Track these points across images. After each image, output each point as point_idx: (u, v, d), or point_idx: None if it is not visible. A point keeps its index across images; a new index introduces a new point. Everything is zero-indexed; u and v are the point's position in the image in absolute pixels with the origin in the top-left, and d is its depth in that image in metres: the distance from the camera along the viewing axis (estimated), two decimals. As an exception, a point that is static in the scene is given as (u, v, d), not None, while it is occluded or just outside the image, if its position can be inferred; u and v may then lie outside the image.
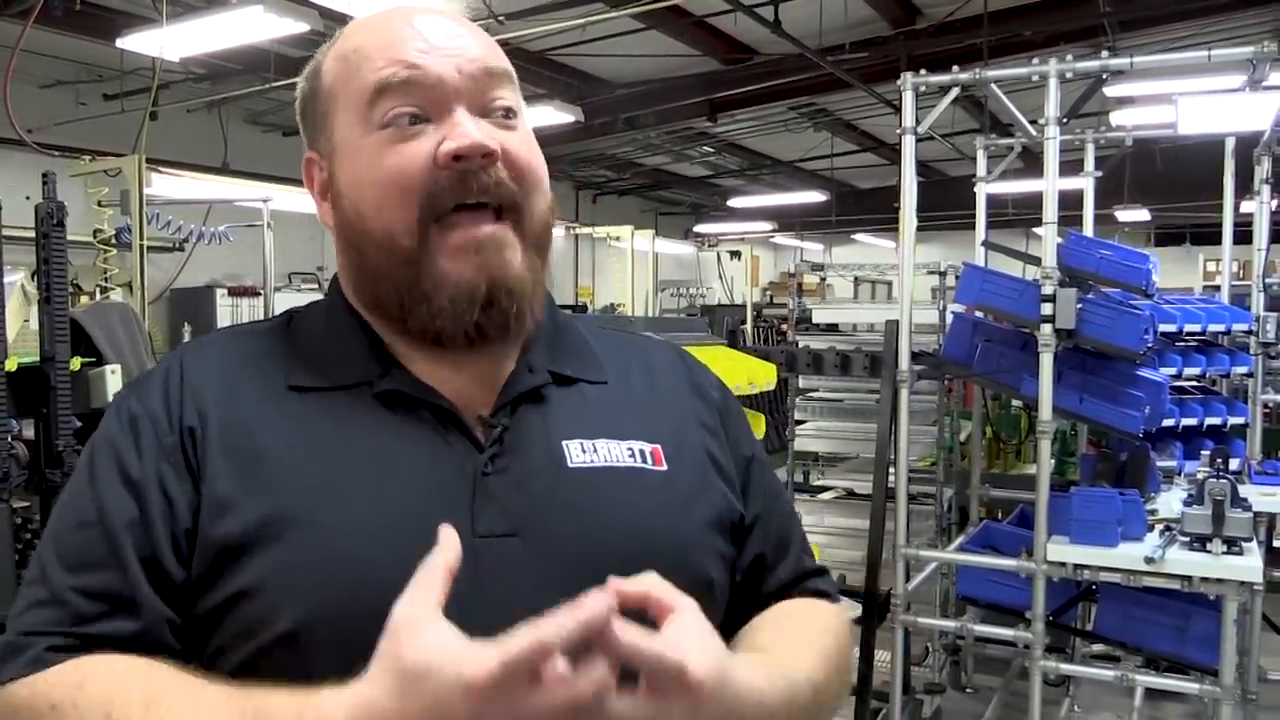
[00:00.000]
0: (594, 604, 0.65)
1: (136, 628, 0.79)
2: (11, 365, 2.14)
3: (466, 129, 0.84)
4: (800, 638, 0.91)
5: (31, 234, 2.32)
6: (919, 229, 3.62)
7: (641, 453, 0.91)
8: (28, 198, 6.70)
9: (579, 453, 0.88)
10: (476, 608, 0.73)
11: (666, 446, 0.92)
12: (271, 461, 0.83)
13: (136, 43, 5.20)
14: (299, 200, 6.91)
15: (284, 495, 0.81)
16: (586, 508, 0.86)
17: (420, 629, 0.66)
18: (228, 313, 8.32)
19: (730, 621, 0.95)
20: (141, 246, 4.26)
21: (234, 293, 8.38)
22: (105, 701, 0.73)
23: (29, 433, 2.29)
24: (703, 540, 0.91)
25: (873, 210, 12.97)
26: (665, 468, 0.91)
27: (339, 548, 0.80)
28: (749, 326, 10.81)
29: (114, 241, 4.29)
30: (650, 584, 0.71)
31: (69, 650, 0.77)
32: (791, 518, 1.05)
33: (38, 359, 2.22)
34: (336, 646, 0.76)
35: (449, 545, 0.69)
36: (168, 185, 5.11)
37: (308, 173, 0.94)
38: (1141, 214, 10.79)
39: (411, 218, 0.85)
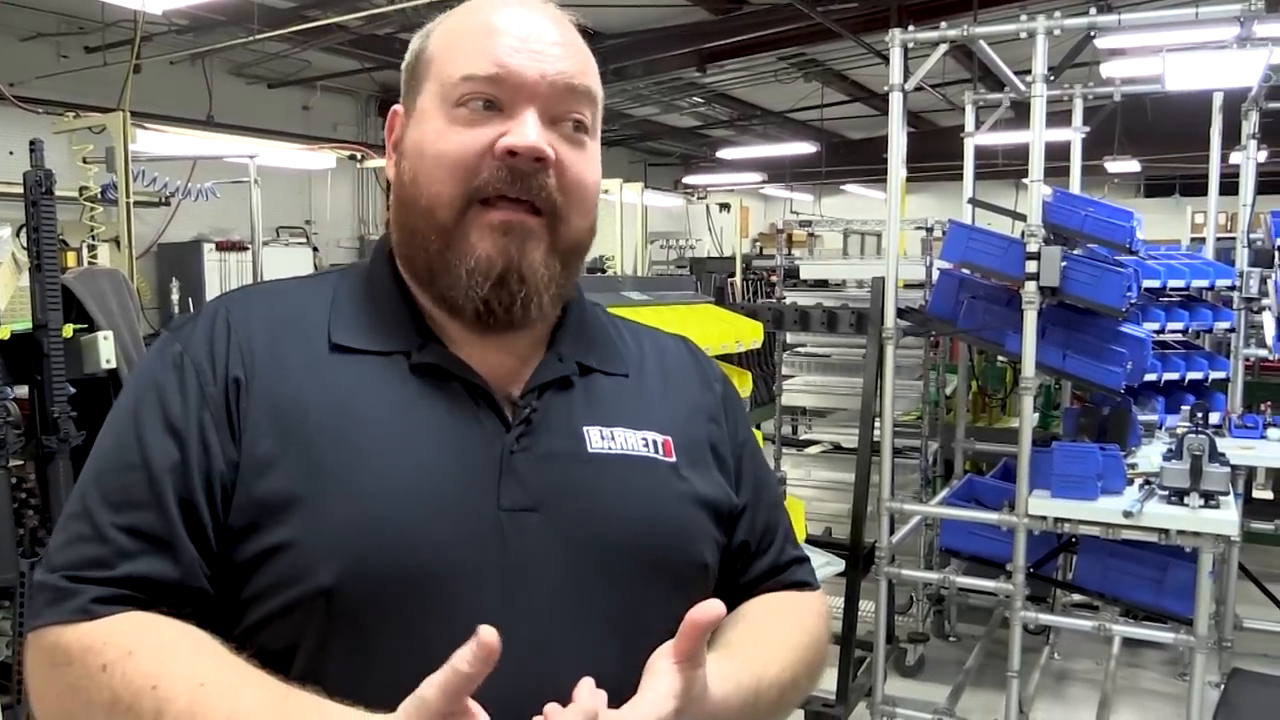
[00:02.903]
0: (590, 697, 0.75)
1: (175, 573, 0.82)
2: (4, 333, 2.15)
3: (529, 130, 0.88)
4: (773, 638, 0.97)
5: (13, 189, 2.32)
6: (909, 179, 3.63)
7: (654, 443, 0.96)
8: (11, 153, 6.62)
9: (598, 439, 0.93)
10: (499, 574, 0.82)
11: (677, 439, 0.98)
12: (313, 420, 0.86)
13: (118, -5, 5.12)
14: (285, 154, 6.86)
15: (325, 454, 0.85)
16: (602, 490, 0.91)
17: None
18: (215, 267, 8.27)
19: None
20: (128, 204, 4.24)
21: (221, 247, 8.33)
22: (153, 674, 0.76)
23: (22, 391, 2.31)
24: (703, 529, 0.97)
25: (863, 161, 12.90)
26: (674, 459, 0.97)
27: (375, 510, 0.83)
28: (738, 279, 10.79)
29: (100, 198, 4.27)
30: None
31: (114, 602, 0.80)
32: (778, 508, 1.09)
33: (30, 326, 2.24)
34: (365, 605, 0.82)
35: (486, 642, 0.68)
36: (153, 141, 5.07)
37: (390, 124, 0.98)
38: (1131, 165, 10.74)
39: (456, 194, 0.89)
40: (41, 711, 0.82)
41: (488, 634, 0.68)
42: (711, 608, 0.76)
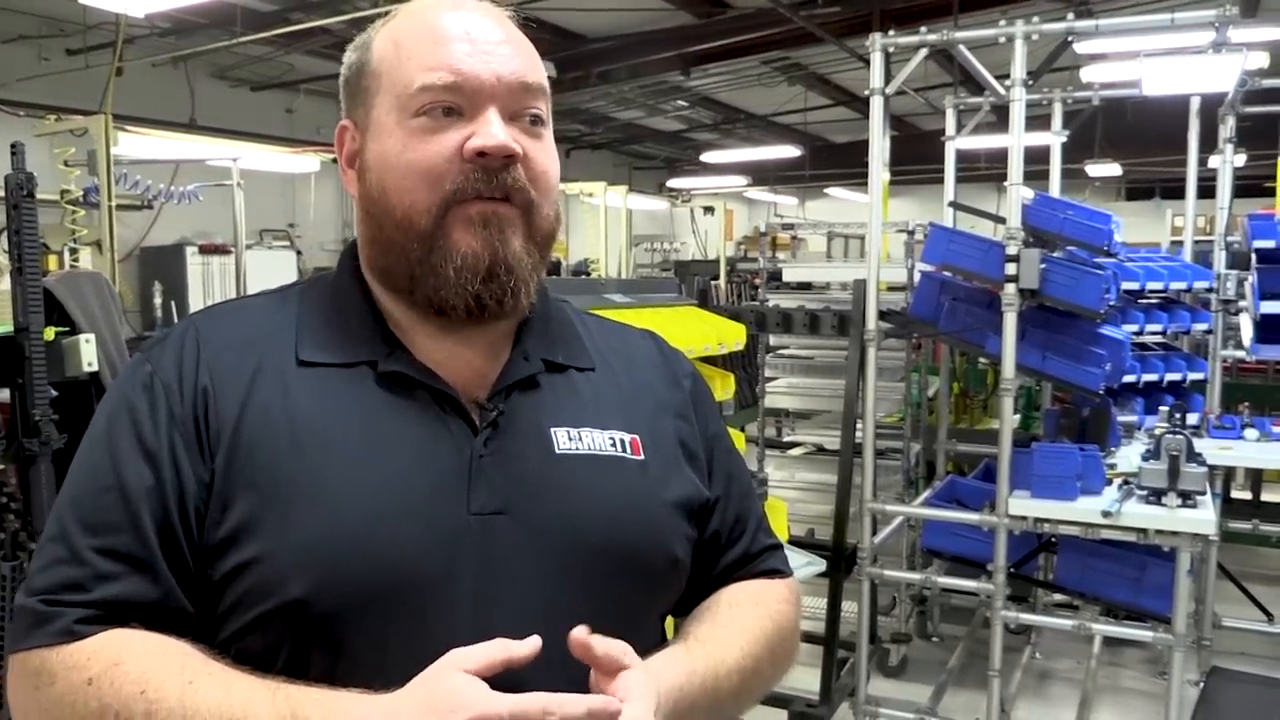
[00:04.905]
0: (606, 702, 0.78)
1: (155, 593, 0.84)
2: (-15, 337, 2.15)
3: (494, 130, 0.90)
4: (735, 626, 0.99)
5: (-4, 192, 2.32)
6: (891, 183, 3.65)
7: (621, 442, 0.97)
8: (-9, 156, 6.53)
9: (565, 440, 0.95)
10: (469, 577, 0.84)
11: (644, 437, 0.99)
12: (280, 435, 0.87)
13: (99, -3, 5.10)
14: (269, 157, 6.85)
15: (291, 469, 0.86)
16: (571, 491, 0.93)
17: (459, 669, 0.77)
18: (198, 271, 8.25)
19: (689, 594, 1.03)
20: (110, 207, 4.23)
21: (205, 250, 8.30)
22: (140, 680, 0.78)
23: (3, 394, 2.31)
24: (672, 525, 0.98)
25: (846, 164, 12.95)
26: (642, 457, 0.98)
27: (344, 521, 0.85)
28: (722, 282, 10.82)
29: (82, 201, 4.26)
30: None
31: (97, 623, 0.82)
32: (749, 497, 1.10)
33: (11, 329, 2.24)
34: (339, 615, 0.83)
35: (529, 644, 0.79)
36: (135, 144, 5.05)
37: (339, 139, 0.99)
38: (1112, 169, 10.83)
39: (433, 201, 0.90)
40: None
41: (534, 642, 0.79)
42: (578, 633, 0.82)
